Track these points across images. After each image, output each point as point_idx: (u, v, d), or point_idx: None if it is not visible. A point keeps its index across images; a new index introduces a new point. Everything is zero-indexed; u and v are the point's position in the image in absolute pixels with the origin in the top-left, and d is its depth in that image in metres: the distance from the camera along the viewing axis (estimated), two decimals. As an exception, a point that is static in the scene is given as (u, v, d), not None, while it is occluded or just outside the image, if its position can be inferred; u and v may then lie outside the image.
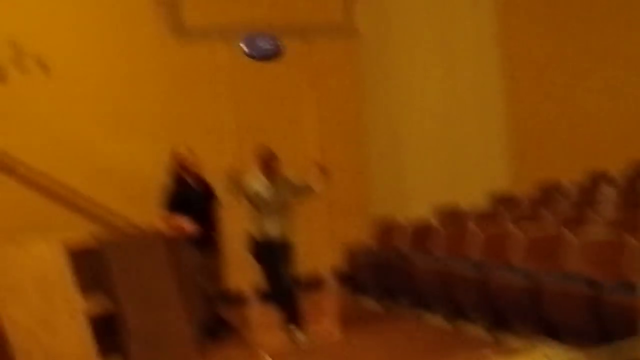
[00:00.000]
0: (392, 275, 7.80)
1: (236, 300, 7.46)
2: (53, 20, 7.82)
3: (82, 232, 6.57)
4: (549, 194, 9.07)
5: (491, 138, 10.66)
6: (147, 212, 7.79)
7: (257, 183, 6.99)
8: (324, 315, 7.19)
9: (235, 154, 6.78)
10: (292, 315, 6.95)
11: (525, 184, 9.84)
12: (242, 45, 5.84)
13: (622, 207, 7.00)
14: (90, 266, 6.19)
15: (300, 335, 6.88)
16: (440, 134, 10.50)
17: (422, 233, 8.15)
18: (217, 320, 7.36)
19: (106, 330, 6.18)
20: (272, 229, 6.98)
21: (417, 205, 9.57)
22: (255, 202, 6.99)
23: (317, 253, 7.23)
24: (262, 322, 6.88)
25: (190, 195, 7.14)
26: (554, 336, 5.79)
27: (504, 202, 8.81)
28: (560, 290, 5.77)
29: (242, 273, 6.80)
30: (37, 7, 7.77)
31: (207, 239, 7.11)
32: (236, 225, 6.92)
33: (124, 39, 8.15)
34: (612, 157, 9.87)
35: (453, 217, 8.40)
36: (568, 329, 5.78)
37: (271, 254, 7.00)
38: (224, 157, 6.96)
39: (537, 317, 5.95)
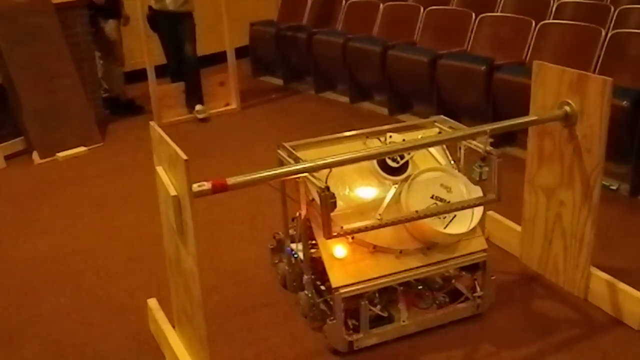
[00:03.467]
0: (295, 52, 7.72)
1: (137, 76, 7.31)
2: None
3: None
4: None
5: None
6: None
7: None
8: (226, 91, 7.16)
9: None
10: (193, 90, 6.91)
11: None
12: None
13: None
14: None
15: (199, 109, 6.88)
16: None
17: (327, 9, 7.99)
18: (118, 96, 7.30)
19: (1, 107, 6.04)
20: (171, -1, 6.70)
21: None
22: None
23: (220, 29, 7.05)
24: (163, 96, 6.80)
25: None
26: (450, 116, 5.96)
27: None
28: (458, 69, 5.86)
29: (144, 49, 6.59)
30: None
31: (111, 9, 6.94)
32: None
33: None
34: None
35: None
36: (463, 108, 5.96)
37: (170, 26, 6.78)
38: None
39: (436, 96, 6.09)
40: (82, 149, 6.17)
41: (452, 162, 3.36)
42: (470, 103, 5.85)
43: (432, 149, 3.38)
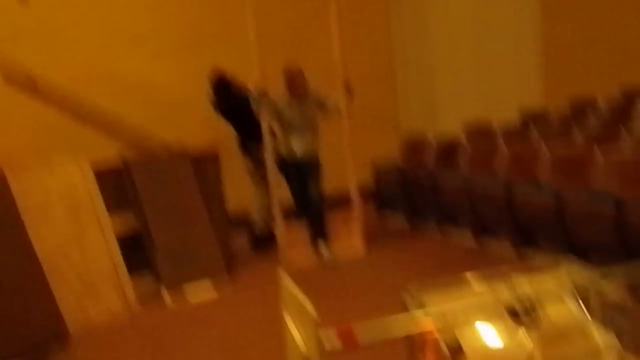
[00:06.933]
0: (418, 192, 7.80)
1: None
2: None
3: (109, 151, 6.65)
4: (580, 110, 8.90)
5: (524, 52, 10.46)
6: (174, 130, 7.86)
7: (283, 100, 6.96)
8: (350, 232, 7.25)
9: (261, 71, 6.71)
10: (319, 232, 7.03)
11: (558, 100, 9.67)
12: None
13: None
14: (117, 185, 6.30)
15: (326, 252, 6.96)
16: (472, 49, 10.32)
17: (449, 150, 8.10)
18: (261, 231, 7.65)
19: (134, 247, 6.33)
20: (298, 146, 7.00)
21: (447, 121, 9.52)
22: (281, 120, 6.98)
23: (344, 170, 7.23)
24: (289, 238, 6.96)
25: (239, 102, 7.19)
26: (578, 254, 5.80)
27: (534, 119, 8.68)
28: (585, 208, 5.73)
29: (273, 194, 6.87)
30: None
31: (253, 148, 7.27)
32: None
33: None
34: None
35: (481, 134, 8.31)
36: (593, 248, 5.78)
37: (298, 171, 7.05)
38: (250, 73, 6.90)
39: (562, 235, 5.95)
40: (208, 284, 6.38)
41: (585, 309, 3.23)
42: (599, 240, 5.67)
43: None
